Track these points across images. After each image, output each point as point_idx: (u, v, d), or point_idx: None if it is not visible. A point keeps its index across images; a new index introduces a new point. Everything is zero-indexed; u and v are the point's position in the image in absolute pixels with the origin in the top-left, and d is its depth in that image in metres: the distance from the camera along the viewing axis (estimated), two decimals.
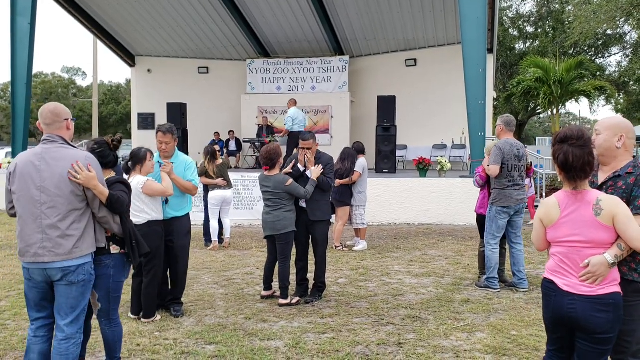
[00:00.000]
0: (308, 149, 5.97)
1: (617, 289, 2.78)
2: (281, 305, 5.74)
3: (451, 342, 4.67)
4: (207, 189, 9.14)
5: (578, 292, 2.79)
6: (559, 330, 2.94)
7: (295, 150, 6.71)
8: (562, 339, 2.96)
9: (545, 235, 2.96)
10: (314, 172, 5.87)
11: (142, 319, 5.23)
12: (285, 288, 5.84)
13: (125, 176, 4.95)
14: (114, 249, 3.71)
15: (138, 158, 5.11)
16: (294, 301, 5.81)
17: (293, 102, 14.67)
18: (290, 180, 5.82)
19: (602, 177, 3.07)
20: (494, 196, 6.25)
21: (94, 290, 3.66)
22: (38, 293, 3.47)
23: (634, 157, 2.96)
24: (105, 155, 3.73)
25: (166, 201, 5.35)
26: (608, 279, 2.75)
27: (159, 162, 5.38)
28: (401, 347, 4.55)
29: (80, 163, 3.36)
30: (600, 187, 3.01)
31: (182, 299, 5.60)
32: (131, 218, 3.95)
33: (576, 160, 2.73)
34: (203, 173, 8.88)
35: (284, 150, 9.81)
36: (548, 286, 2.94)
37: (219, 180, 8.92)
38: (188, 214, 5.59)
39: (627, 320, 2.84)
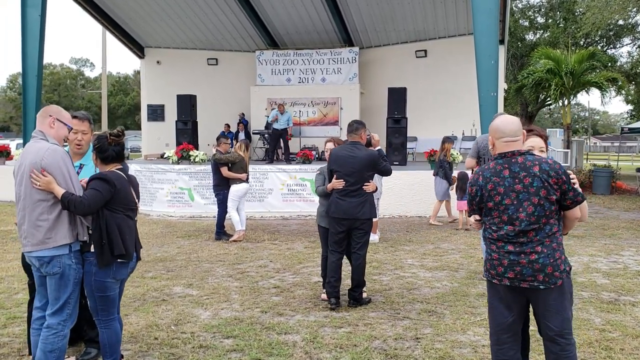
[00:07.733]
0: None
1: None
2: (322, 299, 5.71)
3: (468, 337, 4.66)
4: (226, 182, 9.10)
5: None
6: None
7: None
8: None
9: None
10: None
11: None
12: (324, 280, 5.79)
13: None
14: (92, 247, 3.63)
15: None
16: (324, 297, 5.69)
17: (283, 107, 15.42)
18: (318, 170, 5.98)
19: None
20: None
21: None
22: (38, 278, 3.60)
23: (498, 155, 3.24)
24: (104, 150, 3.66)
25: None
26: None
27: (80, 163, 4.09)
28: (419, 341, 4.55)
29: (36, 170, 3.40)
30: None
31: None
32: None
33: None
34: (232, 163, 8.93)
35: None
36: None
37: (243, 175, 9.03)
38: None
39: None
